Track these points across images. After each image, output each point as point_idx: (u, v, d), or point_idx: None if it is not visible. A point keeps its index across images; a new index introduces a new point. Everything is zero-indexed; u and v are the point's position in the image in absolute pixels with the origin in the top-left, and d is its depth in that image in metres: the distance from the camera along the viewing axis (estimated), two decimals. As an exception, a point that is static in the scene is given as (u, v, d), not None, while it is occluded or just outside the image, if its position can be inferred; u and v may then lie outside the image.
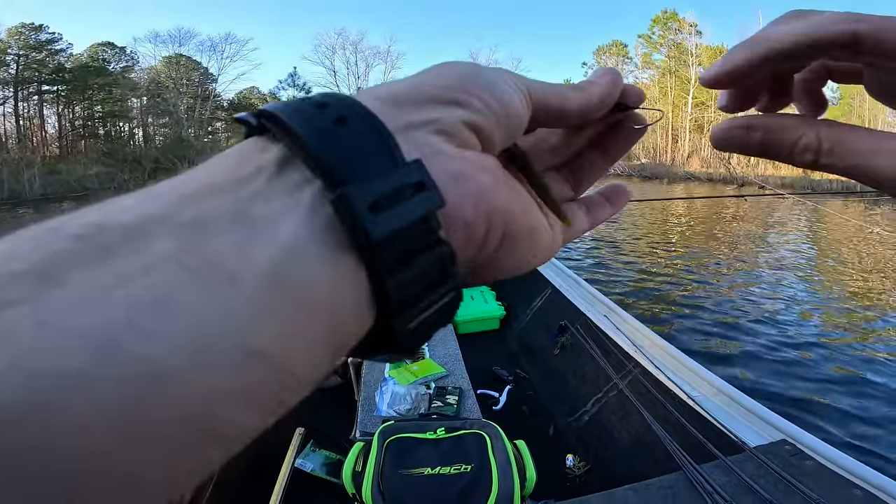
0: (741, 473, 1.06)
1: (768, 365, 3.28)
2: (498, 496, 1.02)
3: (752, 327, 3.94)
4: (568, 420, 1.94)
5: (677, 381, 1.55)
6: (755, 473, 1.06)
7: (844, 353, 3.46)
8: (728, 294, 4.81)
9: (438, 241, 0.13)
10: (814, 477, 1.03)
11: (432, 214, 0.13)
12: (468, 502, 1.01)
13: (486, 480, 1.05)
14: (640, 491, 1.08)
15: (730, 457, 1.13)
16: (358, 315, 0.12)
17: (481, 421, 1.24)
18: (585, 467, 1.70)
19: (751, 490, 1.01)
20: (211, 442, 0.10)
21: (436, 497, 1.03)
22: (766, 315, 4.24)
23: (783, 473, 1.03)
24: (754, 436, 1.23)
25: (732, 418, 1.32)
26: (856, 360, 3.34)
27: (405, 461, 1.10)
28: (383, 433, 1.18)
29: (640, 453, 1.53)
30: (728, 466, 1.09)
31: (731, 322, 4.05)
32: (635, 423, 1.61)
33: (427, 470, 1.07)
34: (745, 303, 4.51)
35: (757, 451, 1.13)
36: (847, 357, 3.38)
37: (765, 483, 1.03)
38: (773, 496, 0.98)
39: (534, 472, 1.09)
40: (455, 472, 1.07)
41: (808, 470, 1.05)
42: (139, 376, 0.09)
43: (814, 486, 0.99)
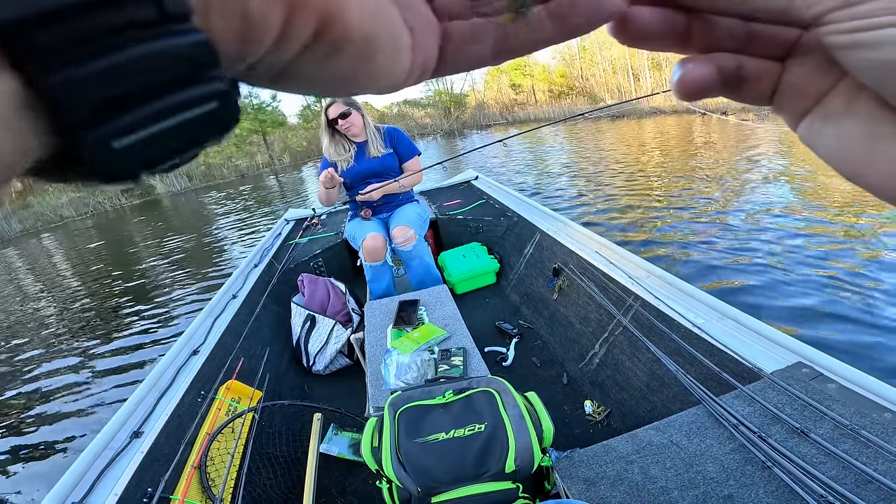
0: (764, 402, 1.02)
1: (766, 284, 3.26)
2: (517, 451, 0.98)
3: (741, 247, 3.93)
4: (579, 366, 1.91)
5: (680, 310, 1.50)
6: (779, 401, 1.02)
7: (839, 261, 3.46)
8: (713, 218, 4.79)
9: (162, 23, 0.10)
10: (841, 401, 0.98)
11: None
12: (488, 462, 0.98)
13: (502, 437, 1.01)
14: (662, 429, 1.05)
15: (748, 385, 1.09)
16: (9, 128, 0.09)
17: (487, 377, 1.21)
18: (605, 412, 1.67)
19: (778, 419, 0.98)
20: None
21: (455, 460, 0.99)
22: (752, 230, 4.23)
23: (808, 399, 0.99)
24: (769, 360, 1.17)
25: (743, 344, 1.27)
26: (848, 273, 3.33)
27: (419, 429, 1.07)
28: (393, 405, 1.15)
29: (657, 390, 1.50)
30: (749, 395, 1.06)
31: (722, 246, 4.05)
32: (646, 360, 1.56)
33: (442, 435, 1.04)
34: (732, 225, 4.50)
35: (775, 376, 1.09)
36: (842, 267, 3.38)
37: (791, 410, 0.99)
38: (802, 424, 0.95)
39: (549, 422, 1.05)
40: (469, 433, 1.03)
41: (833, 393, 1.00)
42: None
43: (843, 411, 0.95)
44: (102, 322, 5.23)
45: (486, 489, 0.94)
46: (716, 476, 0.91)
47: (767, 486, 0.87)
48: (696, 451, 0.97)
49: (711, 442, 0.98)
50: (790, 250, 3.69)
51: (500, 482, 0.94)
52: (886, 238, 3.60)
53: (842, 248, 3.59)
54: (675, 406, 1.34)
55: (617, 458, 1.00)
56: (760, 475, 0.89)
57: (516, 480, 0.96)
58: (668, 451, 0.99)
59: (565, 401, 1.80)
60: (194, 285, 5.90)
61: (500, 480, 0.95)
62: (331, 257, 3.05)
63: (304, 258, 2.94)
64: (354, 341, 2.21)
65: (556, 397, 1.85)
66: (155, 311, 5.17)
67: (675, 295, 1.61)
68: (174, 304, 5.30)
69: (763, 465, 0.90)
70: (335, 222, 3.57)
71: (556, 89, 29.12)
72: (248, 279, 2.58)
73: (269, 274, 2.72)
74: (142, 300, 5.69)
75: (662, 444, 1.01)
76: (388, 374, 1.53)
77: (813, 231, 4.01)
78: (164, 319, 4.87)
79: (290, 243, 3.24)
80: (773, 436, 0.94)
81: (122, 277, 7.09)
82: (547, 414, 1.06)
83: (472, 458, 0.98)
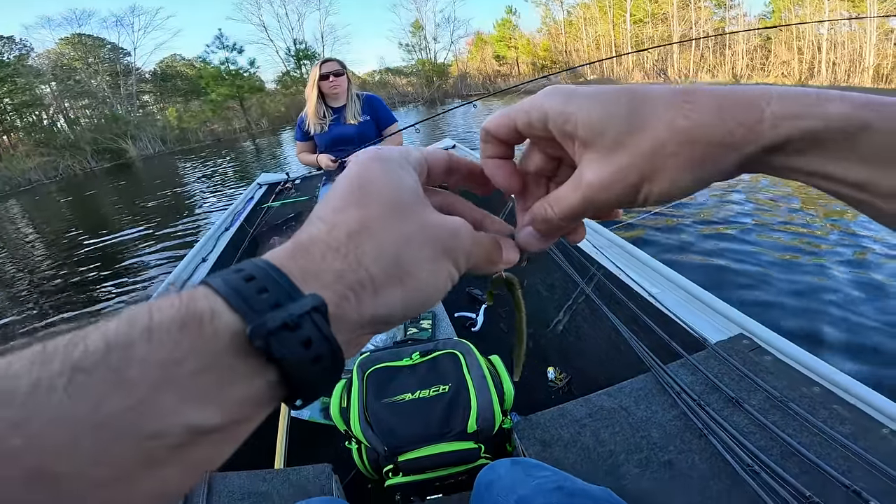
0: (706, 372, 1.09)
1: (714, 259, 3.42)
2: (479, 412, 1.03)
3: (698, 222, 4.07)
4: (544, 332, 1.98)
5: (638, 280, 1.58)
6: (719, 371, 1.09)
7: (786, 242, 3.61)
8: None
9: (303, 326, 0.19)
10: (774, 373, 1.06)
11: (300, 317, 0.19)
12: (451, 422, 1.03)
13: (464, 398, 1.06)
14: (613, 395, 1.12)
15: (693, 354, 1.16)
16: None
17: (453, 340, 1.25)
18: (566, 378, 1.74)
19: (717, 388, 1.05)
20: None
21: (420, 420, 1.04)
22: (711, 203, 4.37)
23: (744, 370, 1.06)
24: (714, 331, 1.26)
25: (692, 314, 1.36)
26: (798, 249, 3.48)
27: (386, 390, 1.10)
28: (361, 366, 1.17)
29: (613, 358, 1.58)
30: (693, 365, 1.13)
31: (678, 221, 4.16)
32: (605, 328, 1.64)
33: (408, 395, 1.08)
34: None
35: (718, 347, 1.16)
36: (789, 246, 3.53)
37: (728, 381, 1.06)
38: (737, 394, 1.02)
39: (511, 385, 1.10)
40: (434, 393, 1.08)
41: (768, 366, 1.08)
42: None
43: (775, 384, 1.02)
44: (72, 288, 5.11)
45: (450, 448, 1.00)
46: (658, 441, 0.98)
47: (702, 454, 0.93)
48: (643, 416, 1.04)
49: (657, 408, 1.05)
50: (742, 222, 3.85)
51: (463, 442, 1.00)
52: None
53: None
54: (629, 374, 1.39)
55: (572, 421, 1.07)
56: (697, 442, 0.96)
57: (478, 441, 1.02)
58: (617, 416, 1.05)
59: (529, 367, 1.87)
60: (165, 250, 5.79)
61: (462, 440, 1.00)
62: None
63: (278, 221, 2.88)
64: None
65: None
66: (125, 278, 5.07)
67: (635, 265, 1.68)
68: (144, 269, 5.22)
69: (700, 432, 0.96)
70: (309, 187, 3.50)
71: (539, 62, 28.81)
72: (218, 242, 2.52)
73: (241, 237, 2.65)
74: (111, 265, 5.56)
75: (613, 409, 1.08)
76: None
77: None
78: (135, 283, 4.82)
79: (262, 207, 3.17)
80: (711, 405, 1.01)
81: (91, 242, 6.87)
82: (509, 377, 1.11)
83: (437, 418, 1.03)
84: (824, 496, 0.79)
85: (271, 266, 0.20)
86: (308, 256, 0.21)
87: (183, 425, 0.16)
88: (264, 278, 0.19)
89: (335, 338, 0.19)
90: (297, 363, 0.18)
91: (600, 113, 0.23)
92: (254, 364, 0.18)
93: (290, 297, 0.19)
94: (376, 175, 0.24)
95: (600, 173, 0.23)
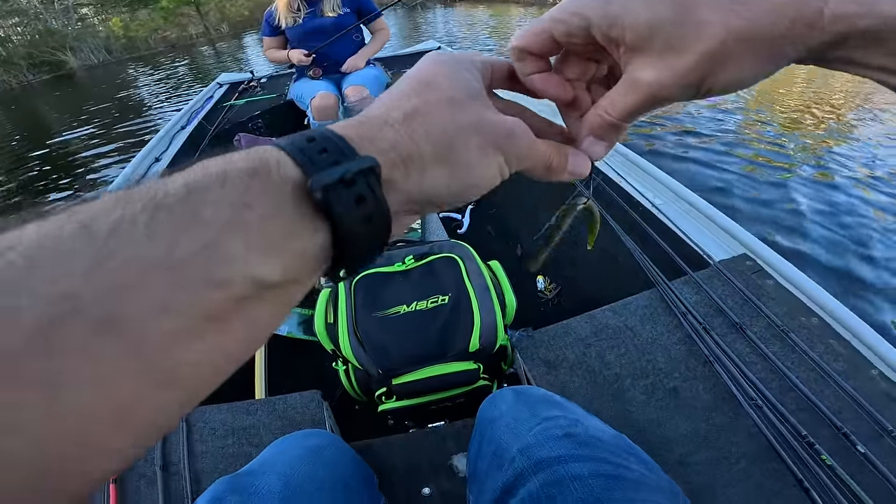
0: (710, 292, 1.04)
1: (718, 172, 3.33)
2: (482, 328, 0.94)
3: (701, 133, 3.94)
4: (534, 238, 1.90)
5: (641, 189, 1.48)
6: (723, 292, 1.04)
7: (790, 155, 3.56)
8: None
9: (358, 183, 0.19)
10: (776, 299, 1.01)
11: (356, 174, 0.19)
12: (453, 340, 0.94)
13: (466, 311, 0.96)
14: (618, 312, 1.06)
15: (697, 272, 1.10)
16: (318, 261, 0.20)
17: (450, 242, 1.12)
18: (556, 289, 1.69)
19: (721, 312, 1.00)
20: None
21: (417, 338, 0.94)
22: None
23: (748, 293, 1.01)
24: (717, 249, 1.19)
25: (696, 229, 1.28)
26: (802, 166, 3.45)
27: (378, 301, 0.98)
28: None
29: (608, 270, 1.52)
30: (697, 283, 1.06)
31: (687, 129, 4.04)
32: (602, 237, 1.54)
33: (403, 308, 0.97)
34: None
35: (722, 266, 1.10)
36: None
37: (732, 304, 1.01)
38: (741, 319, 0.97)
39: (513, 296, 1.02)
40: (433, 305, 0.97)
41: (769, 291, 1.03)
42: None
43: (776, 310, 0.98)
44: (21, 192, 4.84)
45: (449, 369, 0.92)
46: (664, 367, 0.95)
47: (706, 383, 0.91)
48: (649, 337, 1.00)
49: (662, 329, 1.01)
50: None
51: (463, 362, 0.93)
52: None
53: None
54: (626, 287, 1.35)
55: (576, 340, 1.02)
56: (702, 370, 0.93)
57: (478, 360, 0.95)
58: (623, 337, 1.01)
59: (518, 275, 1.83)
60: (118, 152, 5.42)
61: (462, 360, 0.93)
62: (273, 119, 2.67)
63: (242, 119, 2.55)
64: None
65: (508, 270, 1.83)
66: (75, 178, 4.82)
67: (637, 174, 1.58)
68: (95, 170, 4.97)
69: (705, 359, 0.94)
70: (277, 85, 3.12)
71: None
72: (173, 142, 2.22)
73: (200, 136, 2.34)
74: (61, 168, 5.25)
75: (618, 329, 1.03)
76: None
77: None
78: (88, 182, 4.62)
79: (224, 105, 2.81)
80: (716, 329, 0.97)
81: (37, 147, 6.40)
82: (510, 287, 1.02)
83: (435, 335, 0.94)
84: (818, 436, 0.79)
85: (331, 132, 0.21)
86: (365, 127, 0.22)
87: (248, 275, 0.16)
88: (325, 140, 0.20)
89: (386, 200, 0.21)
90: (350, 220, 0.19)
91: (648, 16, 0.23)
92: (311, 218, 0.19)
93: (347, 156, 0.20)
94: (441, 72, 0.25)
95: (659, 75, 0.24)
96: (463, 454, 0.88)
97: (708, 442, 0.82)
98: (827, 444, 0.78)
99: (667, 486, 0.48)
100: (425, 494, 0.83)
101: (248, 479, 0.52)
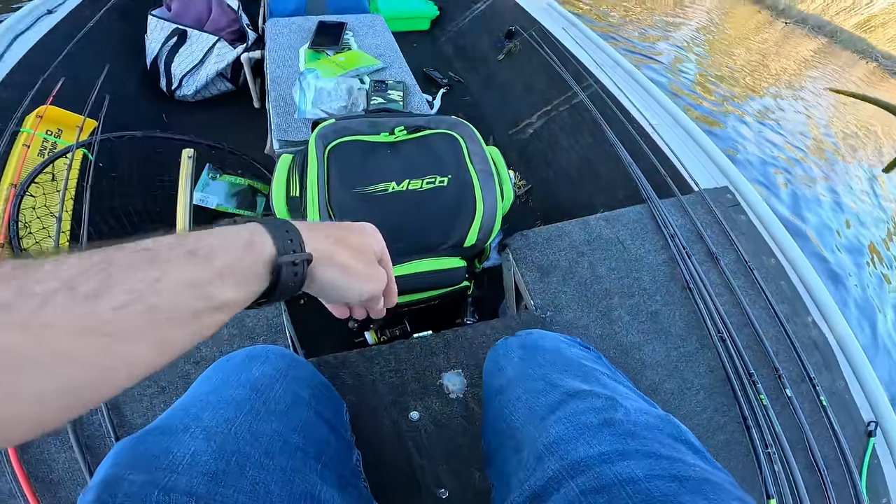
0: (694, 217, 1.04)
1: None
2: (483, 219, 0.81)
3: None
4: (509, 133, 1.78)
5: (639, 106, 1.41)
6: (704, 220, 1.04)
7: None
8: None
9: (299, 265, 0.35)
10: (746, 235, 1.03)
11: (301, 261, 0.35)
12: (450, 230, 0.81)
13: (469, 198, 0.81)
14: (612, 221, 1.02)
15: (684, 196, 1.09)
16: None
17: (449, 118, 0.93)
18: (527, 187, 1.62)
19: (701, 238, 1.01)
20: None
21: (407, 223, 0.79)
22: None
23: (725, 225, 1.03)
24: (703, 177, 1.19)
25: (686, 154, 1.27)
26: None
27: (359, 175, 0.80)
28: (322, 137, 0.83)
29: (587, 177, 1.48)
30: (684, 207, 1.06)
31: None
32: (586, 144, 1.50)
33: (392, 186, 0.80)
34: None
35: (706, 193, 1.10)
36: None
37: (711, 234, 1.02)
38: (717, 249, 0.99)
39: (511, 188, 0.88)
40: (429, 186, 0.81)
41: (742, 226, 1.05)
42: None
43: (746, 247, 1.00)
44: None
45: (439, 265, 0.80)
46: (648, 287, 0.94)
47: (682, 310, 0.92)
48: (637, 254, 0.98)
49: (650, 248, 1.00)
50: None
51: (453, 258, 0.81)
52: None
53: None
54: (602, 202, 1.37)
55: (570, 246, 0.96)
56: (680, 295, 0.94)
57: (465, 257, 0.84)
58: (614, 250, 0.98)
59: None
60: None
61: (453, 255, 0.81)
62: None
63: None
64: (246, 60, 1.68)
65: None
66: None
67: (636, 90, 1.51)
68: None
69: (685, 285, 0.95)
70: None
71: None
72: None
73: None
74: None
75: (610, 240, 0.99)
76: (304, 99, 1.16)
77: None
78: None
79: None
80: (696, 255, 0.98)
81: None
82: (509, 178, 0.89)
83: (430, 222, 0.79)
84: (761, 375, 0.84)
85: (296, 229, 0.36)
86: (312, 233, 0.37)
87: (225, 298, 0.29)
88: (293, 233, 0.35)
89: (306, 274, 0.36)
90: (285, 281, 0.34)
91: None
92: (267, 274, 0.33)
93: (299, 248, 0.35)
94: (364, 232, 0.44)
95: None
96: (455, 372, 0.77)
97: (678, 371, 0.85)
98: (766, 382, 0.84)
99: (728, 482, 0.37)
100: (413, 420, 0.73)
101: (161, 443, 0.36)
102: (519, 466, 0.45)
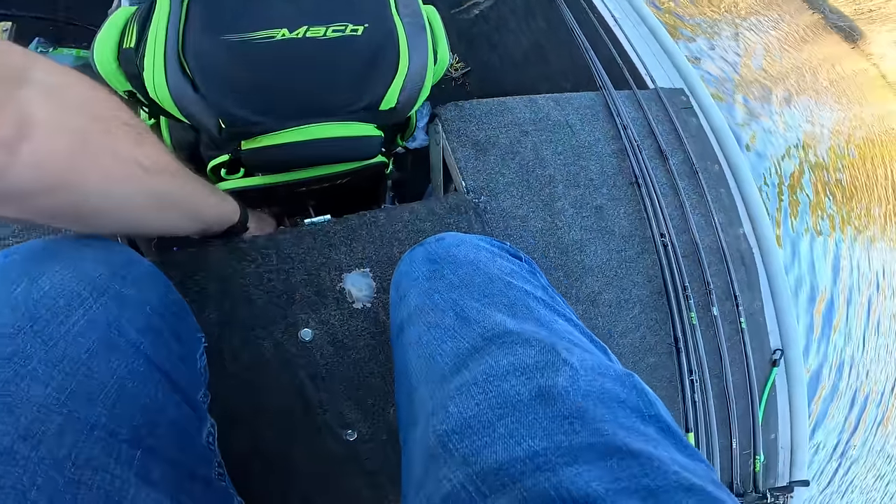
0: (648, 113, 0.98)
1: None
2: (407, 78, 0.63)
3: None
4: (452, 11, 1.55)
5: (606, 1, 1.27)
6: (657, 117, 0.99)
7: None
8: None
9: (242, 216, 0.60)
10: (695, 137, 1.00)
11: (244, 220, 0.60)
12: (364, 85, 0.62)
13: (390, 52, 0.62)
14: (561, 104, 0.91)
15: (640, 90, 1.03)
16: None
17: None
18: (465, 69, 1.43)
19: (652, 134, 0.96)
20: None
21: (298, 76, 0.59)
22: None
23: (677, 125, 0.99)
24: (660, 76, 1.13)
25: (647, 52, 1.18)
26: None
27: (234, 20, 0.57)
28: None
29: (534, 63, 1.36)
30: (638, 101, 1.00)
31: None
32: (538, 29, 1.36)
33: (283, 32, 0.58)
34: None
35: (661, 91, 1.04)
36: None
37: (662, 130, 0.98)
38: (666, 148, 0.94)
39: (447, 50, 0.69)
40: (336, 34, 0.59)
41: (692, 129, 1.02)
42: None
43: (693, 149, 0.97)
44: None
45: (346, 132, 0.62)
46: (595, 178, 0.86)
47: (627, 207, 0.86)
48: (586, 141, 0.89)
49: (600, 136, 0.92)
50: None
51: (366, 124, 0.63)
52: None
53: None
54: (545, 86, 1.26)
55: (513, 123, 0.84)
56: (626, 191, 0.88)
57: (382, 125, 0.66)
58: (562, 133, 0.88)
59: None
60: None
61: (366, 121, 0.63)
62: None
63: None
64: None
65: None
66: None
67: None
68: None
69: (632, 180, 0.88)
70: None
71: None
72: None
73: None
74: None
75: (559, 123, 0.89)
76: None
77: None
78: None
79: None
80: (646, 150, 0.93)
81: None
82: (445, 38, 0.70)
83: (333, 75, 0.60)
84: (693, 289, 0.82)
85: (245, 212, 0.58)
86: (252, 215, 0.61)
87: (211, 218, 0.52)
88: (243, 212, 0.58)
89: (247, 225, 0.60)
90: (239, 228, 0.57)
91: None
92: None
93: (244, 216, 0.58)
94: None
95: None
96: (361, 271, 0.61)
97: (617, 278, 0.80)
98: (697, 298, 0.81)
99: (708, 480, 0.26)
100: (305, 340, 0.56)
101: None
102: (414, 456, 0.31)
